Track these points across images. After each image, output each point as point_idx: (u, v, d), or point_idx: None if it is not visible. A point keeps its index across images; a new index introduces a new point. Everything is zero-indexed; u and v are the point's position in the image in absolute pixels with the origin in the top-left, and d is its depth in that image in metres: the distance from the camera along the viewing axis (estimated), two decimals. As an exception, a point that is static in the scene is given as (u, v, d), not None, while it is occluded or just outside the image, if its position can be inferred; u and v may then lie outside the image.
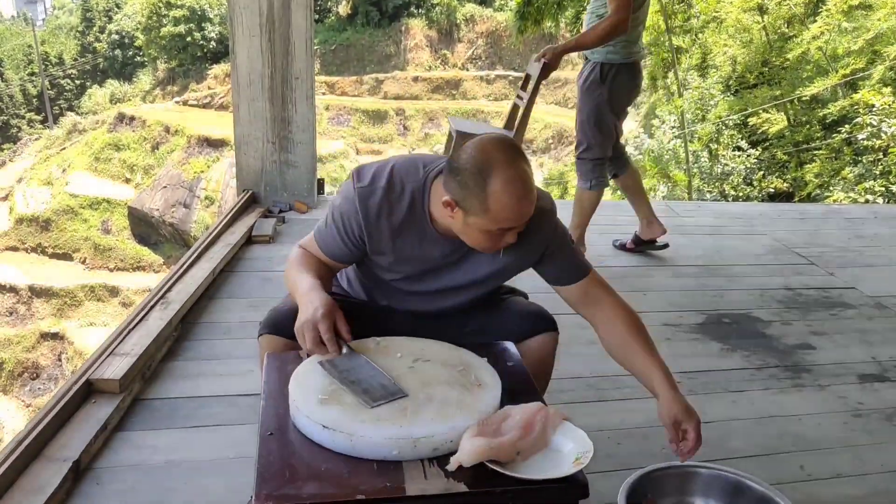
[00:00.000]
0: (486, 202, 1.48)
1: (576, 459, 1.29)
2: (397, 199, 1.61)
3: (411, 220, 1.63)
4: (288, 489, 1.20)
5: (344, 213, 1.63)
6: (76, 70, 36.61)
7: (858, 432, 2.46)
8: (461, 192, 1.50)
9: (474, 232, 1.55)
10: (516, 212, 1.50)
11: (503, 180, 1.47)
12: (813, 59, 10.63)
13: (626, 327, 1.73)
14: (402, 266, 1.70)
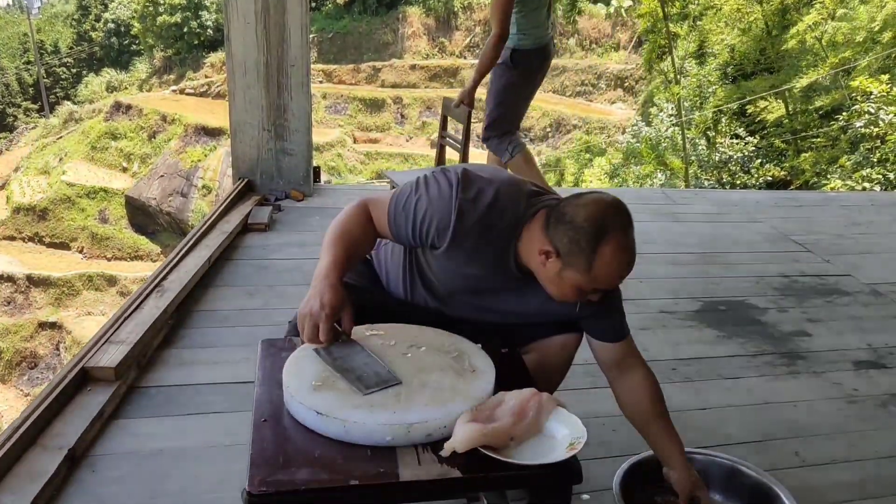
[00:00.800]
0: (593, 263, 1.47)
1: (569, 445, 1.29)
2: (494, 223, 1.56)
3: (496, 248, 1.58)
4: (281, 475, 1.20)
5: (431, 212, 1.55)
6: (72, 58, 36.44)
7: (853, 419, 2.47)
8: (568, 246, 1.48)
9: (566, 286, 1.53)
10: (618, 278, 1.52)
11: (616, 247, 1.46)
12: (811, 47, 10.60)
13: (650, 402, 1.75)
14: (462, 281, 1.66)
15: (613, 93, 25.39)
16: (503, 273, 1.62)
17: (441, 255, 1.60)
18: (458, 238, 1.55)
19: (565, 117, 23.62)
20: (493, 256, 1.59)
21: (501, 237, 1.57)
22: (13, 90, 35.47)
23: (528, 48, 3.74)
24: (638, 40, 20.85)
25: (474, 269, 1.62)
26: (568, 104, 24.84)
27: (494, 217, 1.56)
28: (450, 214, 1.53)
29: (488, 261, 1.60)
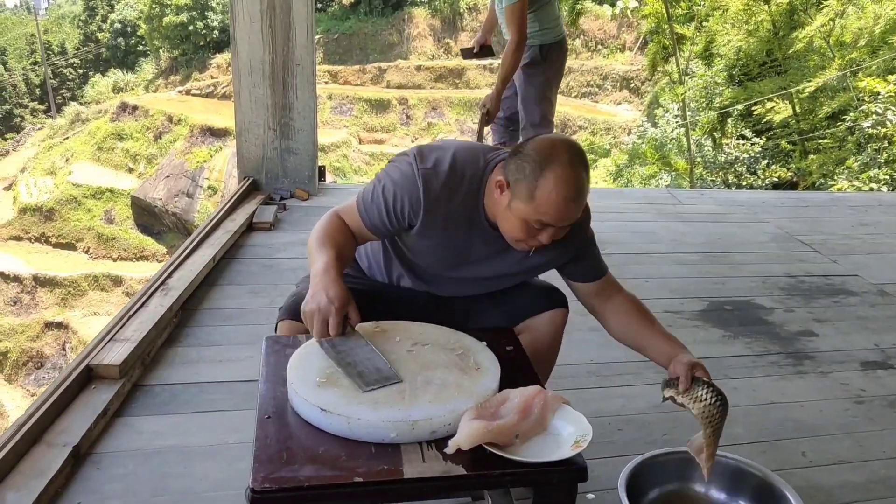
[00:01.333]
0: (535, 191, 1.49)
1: (575, 443, 1.28)
2: (457, 185, 1.61)
3: (465, 208, 1.63)
4: (285, 472, 1.19)
5: (400, 192, 1.60)
6: (79, 59, 36.55)
7: (860, 419, 2.45)
8: (516, 175, 1.52)
9: (513, 218, 1.55)
10: (559, 210, 1.50)
11: (558, 176, 1.49)
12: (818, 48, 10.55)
13: (637, 315, 1.79)
14: (442, 251, 1.69)
15: (619, 94, 25.37)
16: (479, 235, 1.66)
17: (417, 235, 1.64)
18: (430, 207, 1.59)
19: (571, 118, 23.60)
20: (466, 219, 1.64)
21: (468, 196, 1.62)
22: (20, 91, 35.60)
23: (552, 41, 3.75)
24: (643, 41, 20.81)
25: (451, 238, 1.66)
26: (573, 105, 24.82)
27: (457, 178, 1.61)
28: (417, 187, 1.59)
29: (462, 225, 1.65)
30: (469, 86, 27.36)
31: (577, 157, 1.53)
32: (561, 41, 3.81)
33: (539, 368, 1.66)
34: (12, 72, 35.85)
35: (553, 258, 1.75)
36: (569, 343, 2.82)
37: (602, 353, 2.80)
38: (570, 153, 1.53)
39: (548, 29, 3.73)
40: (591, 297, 1.83)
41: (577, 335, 2.93)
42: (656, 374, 2.66)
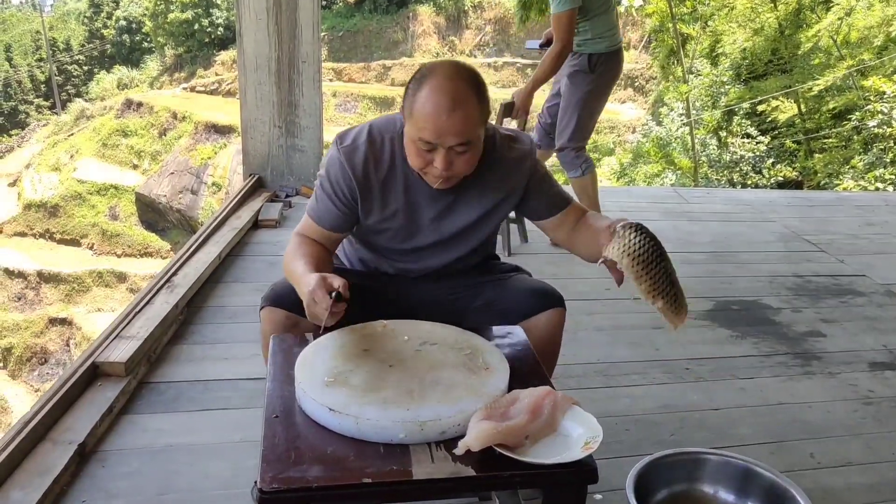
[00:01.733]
0: (414, 105, 1.52)
1: (585, 444, 1.27)
2: (380, 151, 1.66)
3: (394, 169, 1.67)
4: (293, 472, 1.18)
5: (333, 177, 1.66)
6: (84, 56, 36.59)
7: (869, 420, 2.44)
8: (405, 97, 1.56)
9: (407, 143, 1.58)
10: (433, 122, 1.49)
11: (433, 88, 1.50)
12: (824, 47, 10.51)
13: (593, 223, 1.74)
14: (393, 221, 1.71)
15: (623, 92, 25.30)
16: (419, 195, 1.68)
17: (364, 214, 1.69)
18: (360, 180, 1.65)
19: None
20: (401, 183, 1.67)
21: (393, 158, 1.66)
22: (25, 87, 35.66)
23: (604, 51, 3.65)
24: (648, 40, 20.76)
25: (394, 206, 1.69)
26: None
27: (377, 146, 1.66)
28: (343, 166, 1.65)
29: (400, 189, 1.68)
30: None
31: (459, 71, 1.54)
32: (614, 52, 3.69)
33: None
34: (18, 68, 35.90)
35: (505, 195, 1.73)
36: (575, 342, 2.83)
37: (609, 353, 2.79)
38: (450, 67, 1.54)
39: (600, 38, 3.63)
40: (557, 232, 1.81)
41: (584, 335, 2.94)
42: (664, 373, 2.66)
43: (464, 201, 1.70)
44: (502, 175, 1.70)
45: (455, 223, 1.73)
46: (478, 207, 1.72)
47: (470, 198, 1.70)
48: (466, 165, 1.58)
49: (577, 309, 3.13)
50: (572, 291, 3.28)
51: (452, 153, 1.54)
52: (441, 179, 1.58)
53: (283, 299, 1.66)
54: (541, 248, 3.86)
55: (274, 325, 1.65)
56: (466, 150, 1.54)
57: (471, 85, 1.53)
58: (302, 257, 1.65)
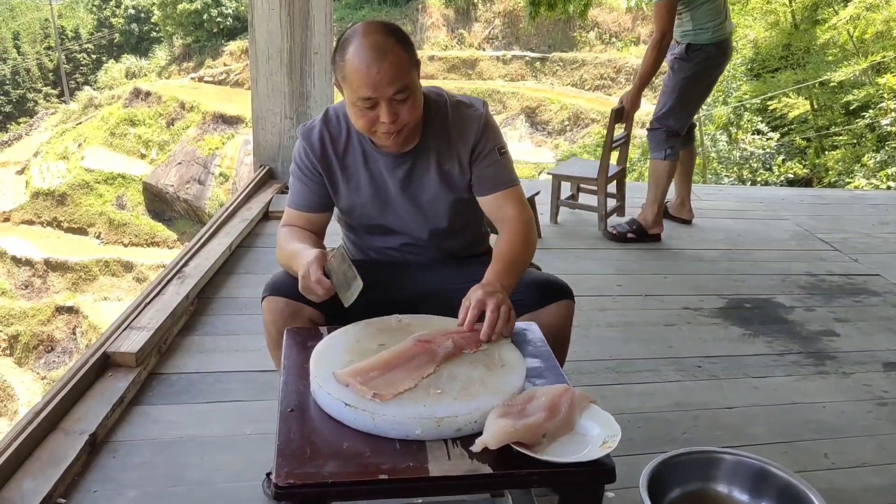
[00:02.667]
0: (345, 70, 1.55)
1: (603, 443, 1.25)
2: (335, 127, 1.73)
3: (350, 142, 1.73)
4: (309, 467, 1.17)
5: (298, 159, 1.75)
6: (92, 44, 36.59)
7: (883, 421, 2.42)
8: (335, 69, 1.60)
9: (350, 108, 1.61)
10: (366, 76, 1.52)
11: (355, 46, 1.54)
12: (840, 42, 10.43)
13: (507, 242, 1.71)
14: (360, 195, 1.76)
15: (633, 87, 25.17)
16: (378, 164, 1.72)
17: (333, 191, 1.75)
18: (319, 156, 1.72)
19: (584, 111, 23.44)
20: (359, 154, 1.73)
21: (349, 130, 1.71)
22: (34, 75, 35.69)
23: (705, 43, 3.66)
24: (660, 34, 20.60)
25: (358, 178, 1.74)
26: (587, 98, 24.66)
27: (331, 122, 1.73)
28: (303, 147, 1.73)
29: (359, 161, 1.73)
30: (482, 77, 27.26)
31: (374, 25, 1.58)
32: (719, 43, 3.68)
33: None
34: (26, 56, 35.94)
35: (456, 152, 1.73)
36: (587, 339, 2.82)
37: (621, 350, 2.77)
38: (366, 25, 1.58)
39: (701, 30, 3.64)
40: (491, 211, 1.78)
41: (596, 331, 2.92)
42: (676, 371, 2.65)
43: (422, 165, 1.73)
44: (454, 137, 1.72)
45: (421, 188, 1.75)
46: (437, 170, 1.74)
47: (428, 161, 1.73)
48: (410, 113, 1.59)
49: (588, 305, 3.11)
50: (584, 287, 3.27)
51: (394, 104, 1.56)
52: (392, 135, 1.60)
53: (283, 288, 1.66)
54: (552, 243, 3.85)
55: (275, 313, 1.64)
56: (406, 96, 1.57)
57: (390, 33, 1.57)
58: (294, 240, 1.71)
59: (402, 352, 1.40)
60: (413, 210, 1.77)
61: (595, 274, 3.49)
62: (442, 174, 1.74)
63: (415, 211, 1.77)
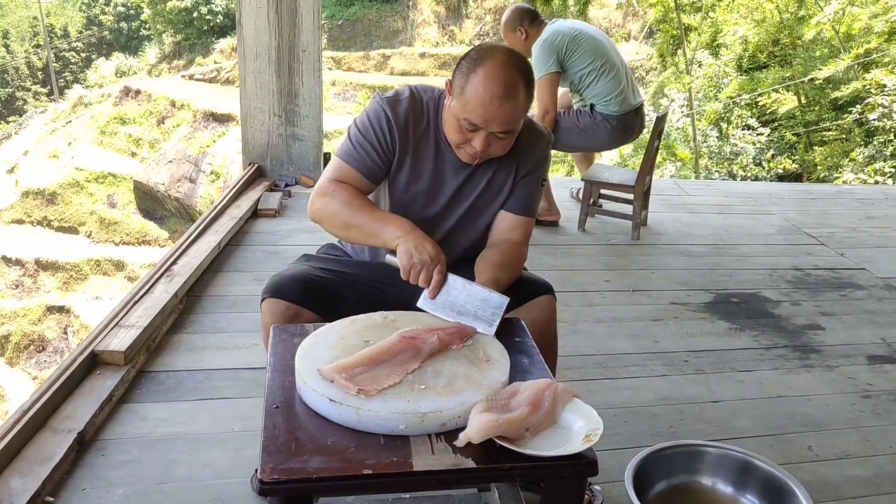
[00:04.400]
0: (466, 86, 1.57)
1: (585, 437, 1.27)
2: (420, 109, 1.73)
3: (429, 131, 1.73)
4: (293, 463, 1.18)
5: (375, 124, 1.70)
6: (82, 43, 36.40)
7: (867, 414, 2.44)
8: (456, 75, 1.62)
9: (451, 118, 1.63)
10: (484, 107, 1.55)
11: (487, 73, 1.55)
12: (826, 38, 10.47)
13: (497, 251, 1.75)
14: (419, 183, 1.75)
15: (624, 83, 25.20)
16: (446, 161, 1.74)
17: (396, 168, 1.73)
18: (400, 129, 1.70)
19: (575, 107, 23.48)
20: (433, 145, 1.73)
21: (430, 120, 1.73)
22: (23, 74, 35.47)
23: (606, 113, 3.74)
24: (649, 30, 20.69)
25: (423, 166, 1.74)
26: (578, 94, 24.65)
27: (418, 103, 1.73)
28: (385, 113, 1.70)
29: (430, 151, 1.73)
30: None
31: (513, 60, 1.59)
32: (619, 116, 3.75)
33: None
34: (15, 55, 35.72)
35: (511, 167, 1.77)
36: (575, 334, 2.83)
37: (608, 345, 2.79)
38: (506, 55, 1.58)
39: (603, 102, 3.73)
40: (500, 229, 1.81)
41: (583, 326, 2.94)
42: (663, 365, 2.67)
43: (482, 173, 1.76)
44: (520, 152, 1.75)
45: (470, 193, 1.77)
46: (490, 179, 1.77)
47: (488, 171, 1.76)
48: (502, 149, 1.66)
49: (576, 301, 3.13)
50: (572, 283, 3.29)
51: (493, 137, 1.61)
52: (475, 158, 1.67)
53: (285, 290, 1.66)
54: (540, 239, 3.86)
55: (275, 316, 1.64)
56: (507, 136, 1.62)
57: (523, 74, 1.59)
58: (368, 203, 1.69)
59: (387, 348, 1.41)
60: (456, 215, 1.79)
61: (583, 270, 3.51)
62: (491, 184, 1.77)
63: (457, 216, 1.79)
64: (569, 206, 4.37)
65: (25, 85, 35.35)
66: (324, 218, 1.70)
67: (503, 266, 1.70)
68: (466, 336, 1.49)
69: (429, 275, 1.55)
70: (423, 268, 1.54)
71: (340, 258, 1.89)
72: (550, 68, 3.63)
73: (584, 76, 3.69)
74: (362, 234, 1.66)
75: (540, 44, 3.65)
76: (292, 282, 1.66)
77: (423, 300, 1.58)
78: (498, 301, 1.55)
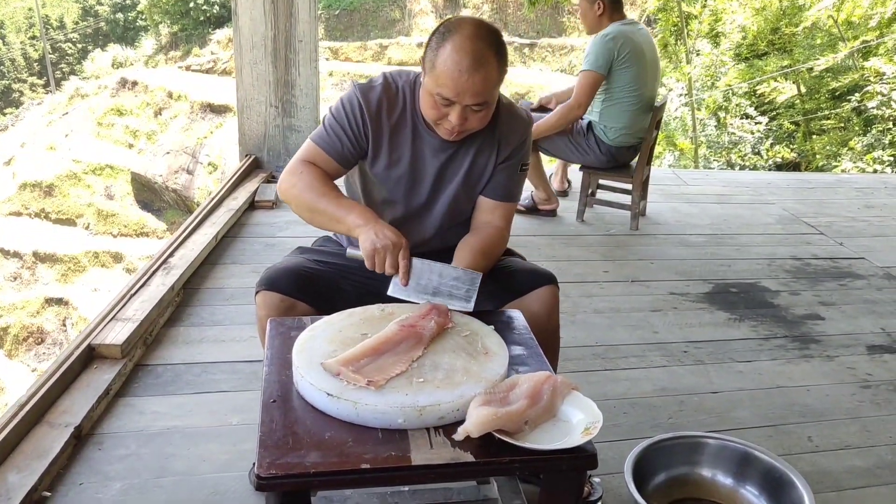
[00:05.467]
0: (436, 60, 1.57)
1: (585, 430, 1.26)
2: (394, 95, 1.72)
3: (405, 115, 1.73)
4: (291, 458, 1.17)
5: (347, 110, 1.71)
6: (78, 34, 36.23)
7: (866, 404, 2.44)
8: (427, 49, 1.61)
9: (424, 94, 1.63)
10: (454, 80, 1.54)
11: (455, 46, 1.54)
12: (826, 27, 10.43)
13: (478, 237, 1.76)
14: (397, 168, 1.75)
15: (622, 72, 25.10)
16: (425, 143, 1.73)
17: (372, 156, 1.73)
18: (372, 116, 1.69)
19: (573, 97, 23.41)
20: (410, 128, 1.73)
21: (405, 103, 1.72)
22: (18, 65, 35.32)
23: (602, 140, 3.74)
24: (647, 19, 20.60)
25: (401, 151, 1.74)
26: (575, 83, 24.58)
27: (392, 89, 1.72)
28: (357, 101, 1.70)
29: (408, 135, 1.73)
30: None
31: (482, 31, 1.57)
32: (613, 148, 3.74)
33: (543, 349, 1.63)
34: (11, 46, 35.56)
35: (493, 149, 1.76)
36: (574, 325, 2.83)
37: (607, 336, 2.78)
38: (475, 26, 1.57)
39: (605, 127, 3.72)
40: (481, 213, 1.81)
41: (582, 317, 2.93)
42: (662, 356, 2.66)
43: (463, 155, 1.76)
44: (499, 135, 1.76)
45: (452, 175, 1.77)
46: (471, 162, 1.77)
47: (468, 152, 1.76)
48: (480, 122, 1.65)
49: (575, 291, 3.12)
50: (570, 274, 3.28)
51: (468, 110, 1.60)
52: (454, 133, 1.65)
53: (279, 282, 1.65)
54: (538, 230, 3.85)
55: (269, 308, 1.63)
56: (482, 108, 1.61)
57: (492, 45, 1.58)
58: (335, 188, 1.69)
59: (389, 337, 1.41)
60: (442, 201, 1.79)
61: (581, 260, 3.50)
62: (474, 167, 1.77)
63: (445, 202, 1.79)
64: (568, 197, 4.35)
65: (22, 77, 35.21)
66: (290, 198, 1.73)
67: (484, 251, 1.71)
68: (442, 312, 1.49)
69: (394, 260, 1.54)
70: (387, 253, 1.54)
71: (336, 250, 1.88)
72: (599, 69, 3.59)
73: (611, 93, 3.66)
74: (326, 219, 1.68)
75: (602, 39, 3.59)
76: (286, 274, 1.65)
77: (393, 287, 1.57)
78: (470, 277, 1.56)
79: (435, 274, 1.57)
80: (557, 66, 26.29)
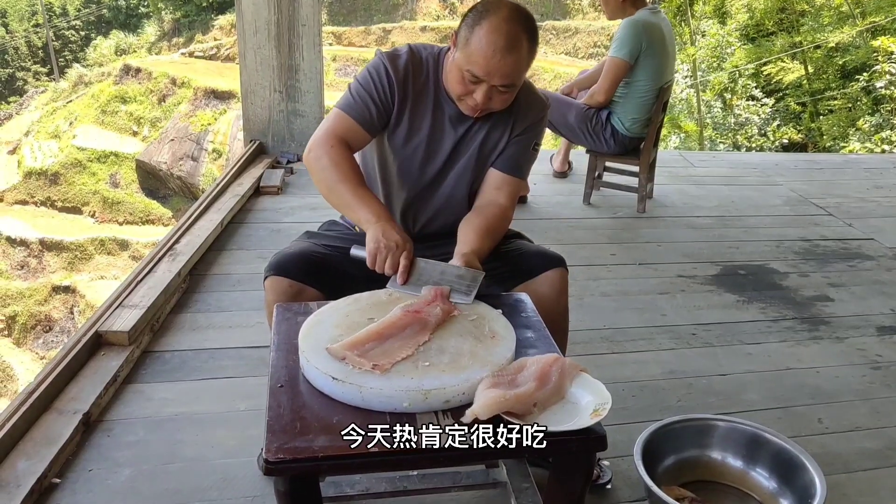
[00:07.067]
0: (470, 38, 1.59)
1: (594, 411, 1.25)
2: (419, 64, 1.74)
3: (428, 85, 1.75)
4: (299, 442, 1.16)
5: (375, 76, 1.72)
6: (80, 21, 36.14)
7: (877, 385, 2.43)
8: (462, 25, 1.63)
9: (454, 70, 1.64)
10: (486, 59, 1.57)
11: (492, 26, 1.56)
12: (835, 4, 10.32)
13: (482, 217, 1.75)
14: (416, 137, 1.76)
15: (627, 54, 24.95)
16: (445, 115, 1.75)
17: (395, 122, 1.74)
18: (399, 82, 1.71)
19: (577, 79, 23.27)
20: (431, 100, 1.75)
21: (430, 74, 1.74)
22: (22, 53, 35.26)
23: (617, 129, 3.69)
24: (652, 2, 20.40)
25: (421, 121, 1.75)
26: (580, 66, 24.42)
27: (416, 58, 1.74)
28: (385, 67, 1.72)
29: (429, 106, 1.75)
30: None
31: (518, 14, 1.59)
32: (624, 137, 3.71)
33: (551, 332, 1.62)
34: (14, 34, 35.49)
35: (507, 125, 1.78)
36: (581, 308, 2.81)
37: (615, 319, 2.77)
38: (512, 9, 1.59)
39: (622, 115, 3.68)
40: (488, 187, 1.81)
41: (590, 300, 2.92)
42: (670, 339, 2.65)
43: (479, 128, 1.77)
44: (516, 113, 1.77)
45: (467, 149, 1.78)
46: (485, 136, 1.78)
47: (485, 126, 1.77)
48: (503, 103, 1.68)
49: (582, 275, 3.11)
50: (577, 257, 3.26)
51: (495, 90, 1.63)
52: (476, 111, 1.68)
53: (287, 268, 1.64)
54: (544, 213, 3.83)
55: (278, 294, 1.62)
56: (508, 90, 1.64)
57: (527, 30, 1.60)
58: (363, 185, 1.69)
59: (394, 322, 1.40)
60: (455, 171, 1.81)
61: (588, 243, 3.48)
62: (487, 140, 1.78)
63: (457, 173, 1.81)
64: (573, 180, 4.33)
65: (25, 65, 35.16)
66: (314, 170, 1.73)
67: (488, 231, 1.71)
68: (445, 295, 1.49)
69: (395, 261, 1.54)
70: (389, 254, 1.53)
71: (343, 234, 1.87)
72: (626, 56, 3.55)
73: (632, 83, 3.62)
74: (341, 202, 1.68)
75: (631, 24, 3.54)
76: (295, 259, 1.64)
77: (392, 282, 1.57)
78: (473, 275, 1.55)
79: (437, 272, 1.56)
80: (562, 48, 26.12)
